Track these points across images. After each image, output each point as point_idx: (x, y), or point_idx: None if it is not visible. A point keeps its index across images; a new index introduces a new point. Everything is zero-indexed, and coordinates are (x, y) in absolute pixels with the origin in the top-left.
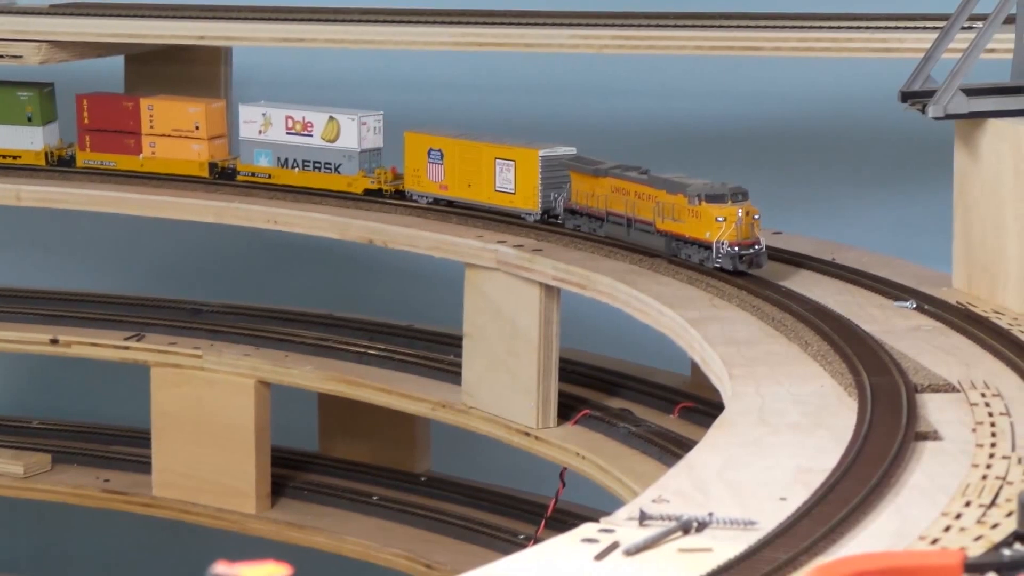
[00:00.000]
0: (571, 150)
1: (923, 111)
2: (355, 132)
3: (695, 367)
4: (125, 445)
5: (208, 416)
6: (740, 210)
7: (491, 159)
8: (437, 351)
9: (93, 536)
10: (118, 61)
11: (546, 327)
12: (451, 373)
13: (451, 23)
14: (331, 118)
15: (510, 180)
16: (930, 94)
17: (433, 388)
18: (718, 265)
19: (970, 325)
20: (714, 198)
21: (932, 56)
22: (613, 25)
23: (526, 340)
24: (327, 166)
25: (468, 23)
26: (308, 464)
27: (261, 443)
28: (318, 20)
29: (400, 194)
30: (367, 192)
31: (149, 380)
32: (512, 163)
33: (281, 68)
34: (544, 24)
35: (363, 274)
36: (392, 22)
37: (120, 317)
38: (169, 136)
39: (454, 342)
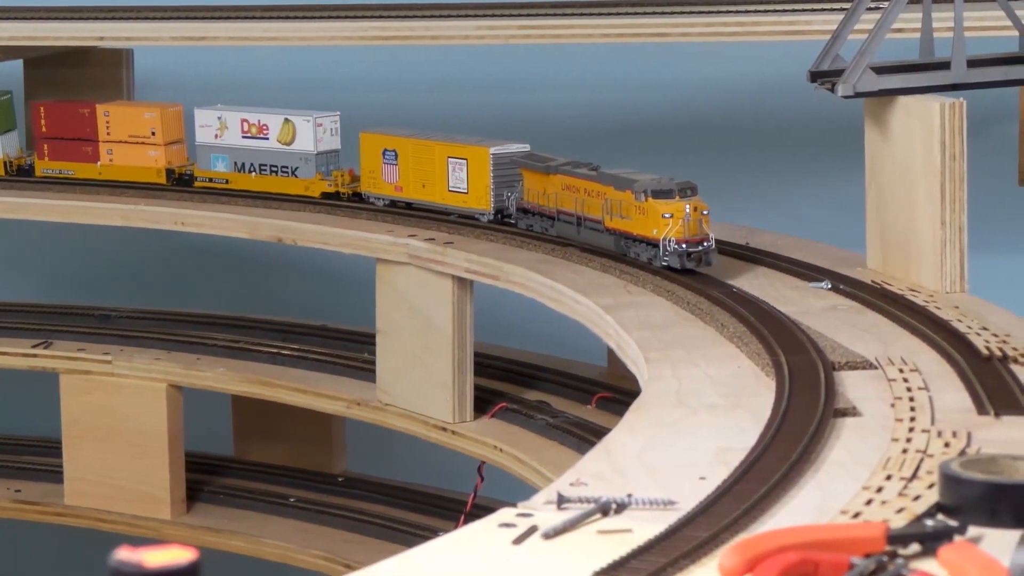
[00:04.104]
0: (524, 147)
1: (832, 90)
2: (311, 134)
3: (612, 357)
4: (36, 455)
5: (120, 422)
6: (688, 206)
7: (444, 158)
8: (351, 349)
9: (5, 547)
10: (17, 66)
11: (460, 321)
12: (366, 371)
13: (354, 17)
14: (286, 120)
15: (463, 180)
16: (839, 73)
17: (348, 386)
18: (665, 264)
19: (886, 303)
20: (661, 194)
21: (840, 36)
22: (519, 15)
23: (440, 334)
24: (284, 170)
25: (372, 17)
26: (223, 468)
27: (175, 448)
28: (220, 18)
29: (358, 197)
30: (325, 196)
31: (58, 388)
32: (464, 162)
33: (226, 69)
34: (449, 16)
35: (275, 274)
36: (294, 18)
37: (26, 325)
38: (126, 143)
39: (368, 340)
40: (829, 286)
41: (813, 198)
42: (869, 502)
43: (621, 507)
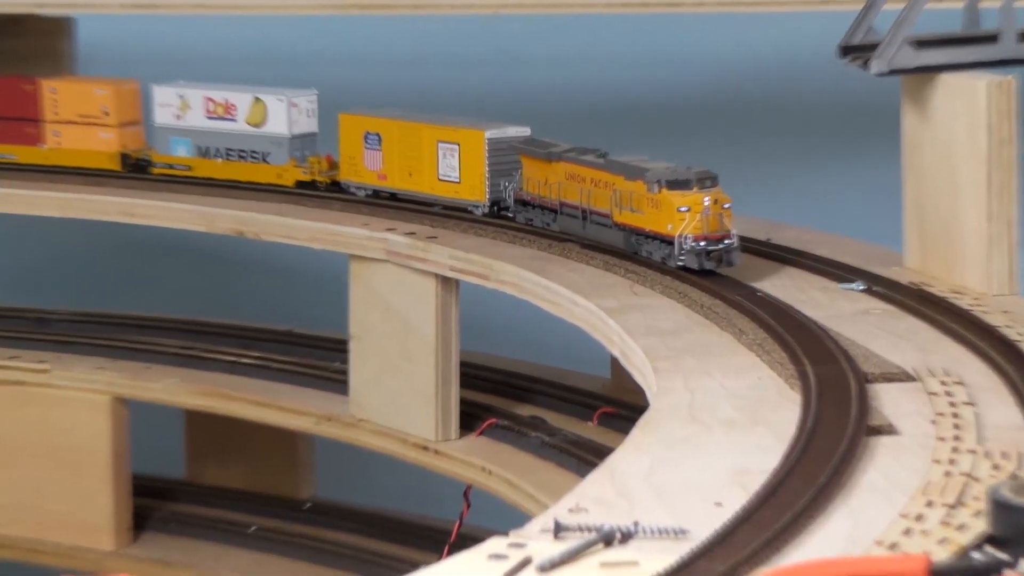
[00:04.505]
0: (524, 131)
1: (865, 67)
2: (284, 115)
3: (616, 367)
4: None
5: (57, 440)
6: (707, 198)
7: (433, 143)
8: (320, 357)
9: None
10: None
11: (444, 325)
12: (337, 382)
13: None
14: (257, 99)
15: (454, 167)
16: (873, 48)
17: (316, 399)
18: (681, 264)
19: (926, 307)
20: (676, 184)
21: (874, 5)
22: None
23: (421, 341)
24: (254, 155)
25: None
26: (175, 492)
27: (119, 469)
28: None
29: (337, 186)
30: (300, 185)
31: None
32: (456, 147)
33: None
34: None
35: (235, 273)
36: None
37: None
38: (75, 123)
39: (339, 347)
40: (861, 287)
41: (843, 188)
42: (908, 532)
43: (626, 536)
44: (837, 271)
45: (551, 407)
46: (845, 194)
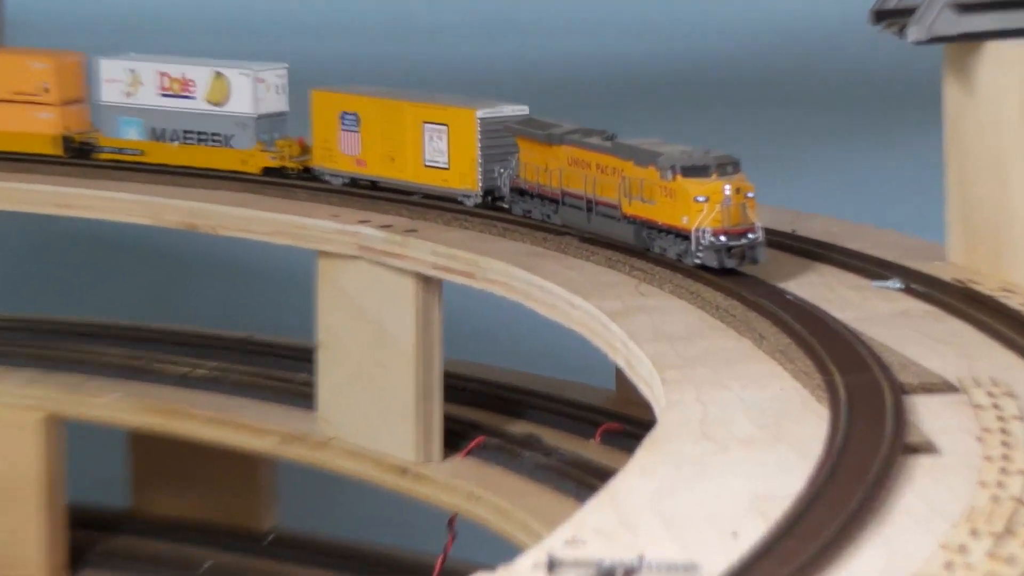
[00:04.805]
0: (521, 109)
1: (901, 34)
2: (250, 92)
3: (622, 377)
4: None
5: None
6: (727, 186)
7: (418, 124)
8: (284, 368)
9: None
10: None
11: (425, 330)
12: (302, 396)
13: None
14: (218, 74)
15: (442, 151)
16: (910, 12)
17: (280, 416)
18: (699, 262)
19: (971, 307)
20: (693, 171)
21: None
22: None
23: (399, 348)
24: (215, 138)
25: None
26: (118, 524)
27: (53, 498)
28: None
29: (309, 173)
30: (267, 172)
31: None
32: (444, 128)
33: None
34: None
35: (186, 272)
36: None
37: None
38: (9, 102)
39: (305, 356)
40: (899, 285)
41: (877, 171)
42: (949, 566)
43: (629, 573)
44: (871, 267)
45: (548, 423)
46: (879, 179)
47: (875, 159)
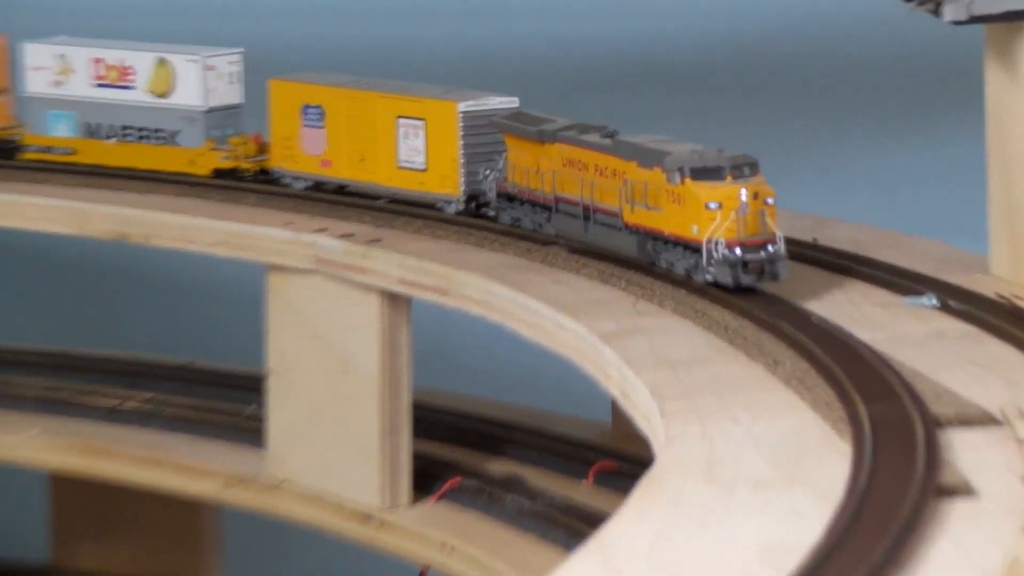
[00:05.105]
0: (511, 101)
1: (937, 13)
2: (198, 81)
3: (618, 409)
4: None
5: None
6: (744, 191)
7: (391, 118)
8: (229, 400)
9: None
10: None
11: (391, 356)
12: (250, 432)
13: None
14: (162, 61)
15: (419, 150)
16: None
17: (224, 456)
18: (710, 278)
19: (1017, 327)
20: (704, 173)
21: None
22: None
23: (361, 376)
24: (158, 135)
25: None
26: None
27: None
28: None
29: (266, 175)
30: (219, 175)
31: None
32: (421, 124)
33: None
34: None
35: (117, 290)
36: None
37: None
38: None
39: (253, 386)
40: (934, 302)
41: (908, 169)
42: None
43: None
44: (902, 281)
45: (533, 462)
46: (912, 179)
47: (907, 156)
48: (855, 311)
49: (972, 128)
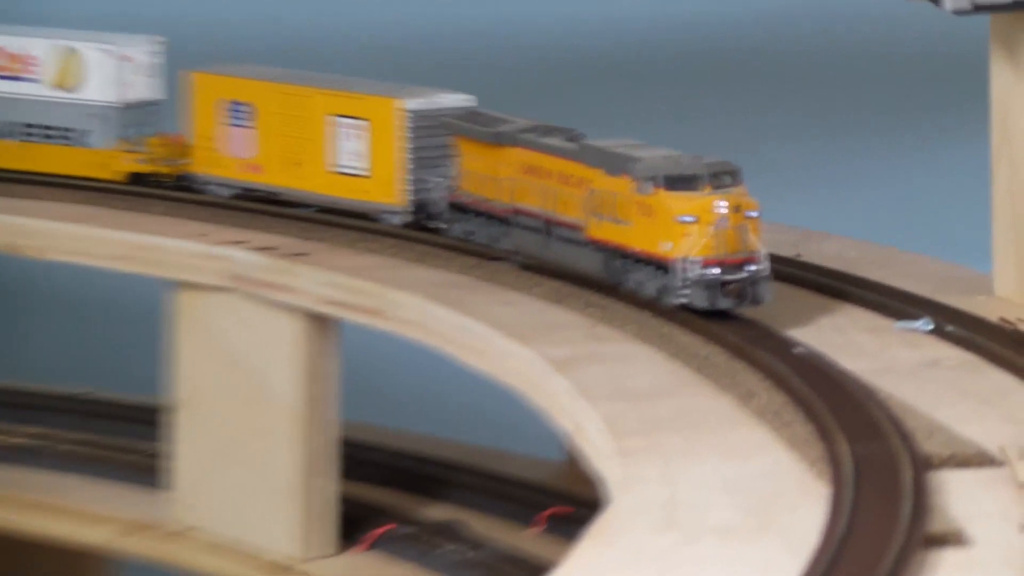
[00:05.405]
0: (465, 100)
1: (937, 3)
2: (111, 73)
3: (575, 448)
4: None
5: None
6: (723, 202)
7: (329, 117)
8: (129, 435)
9: None
10: None
11: (315, 385)
12: (153, 472)
13: None
14: (70, 50)
15: (360, 154)
16: None
17: (123, 499)
18: (684, 301)
19: (1022, 356)
20: (678, 182)
21: None
22: None
23: (281, 408)
24: (64, 135)
25: None
26: None
27: None
28: None
29: (185, 181)
30: (135, 180)
31: None
32: (363, 124)
33: None
34: None
35: (2, 309)
36: None
37: None
38: None
39: (157, 419)
40: (929, 327)
41: (903, 177)
42: None
43: None
44: (895, 303)
45: (476, 507)
46: (907, 188)
47: (903, 162)
48: (840, 337)
49: (976, 130)
